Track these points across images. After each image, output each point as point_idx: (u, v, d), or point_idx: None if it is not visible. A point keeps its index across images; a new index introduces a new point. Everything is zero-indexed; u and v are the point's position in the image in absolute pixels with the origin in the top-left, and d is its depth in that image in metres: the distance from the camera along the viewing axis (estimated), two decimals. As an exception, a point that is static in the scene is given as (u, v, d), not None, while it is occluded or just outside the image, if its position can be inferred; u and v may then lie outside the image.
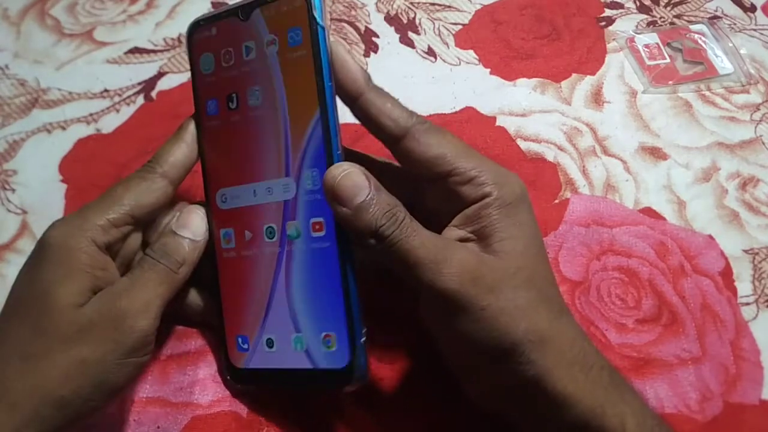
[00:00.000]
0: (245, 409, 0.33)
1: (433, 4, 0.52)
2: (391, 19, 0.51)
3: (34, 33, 0.50)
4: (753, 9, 0.52)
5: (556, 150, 0.43)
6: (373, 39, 0.50)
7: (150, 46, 0.49)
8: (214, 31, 0.31)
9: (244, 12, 0.30)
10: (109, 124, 0.45)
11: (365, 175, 0.27)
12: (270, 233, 0.30)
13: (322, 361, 0.29)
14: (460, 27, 0.50)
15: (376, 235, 0.26)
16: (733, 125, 0.45)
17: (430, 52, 0.49)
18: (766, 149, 0.44)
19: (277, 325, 0.30)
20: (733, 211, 0.41)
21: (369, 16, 0.51)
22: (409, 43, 0.49)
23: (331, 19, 0.51)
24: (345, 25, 0.51)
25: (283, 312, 0.30)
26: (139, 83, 0.47)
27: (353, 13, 0.51)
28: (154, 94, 0.46)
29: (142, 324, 0.28)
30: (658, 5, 0.52)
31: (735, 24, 0.51)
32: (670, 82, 0.47)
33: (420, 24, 0.51)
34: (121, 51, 0.49)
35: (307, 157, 0.29)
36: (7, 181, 0.42)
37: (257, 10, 0.30)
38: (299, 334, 0.30)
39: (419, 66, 0.48)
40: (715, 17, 0.51)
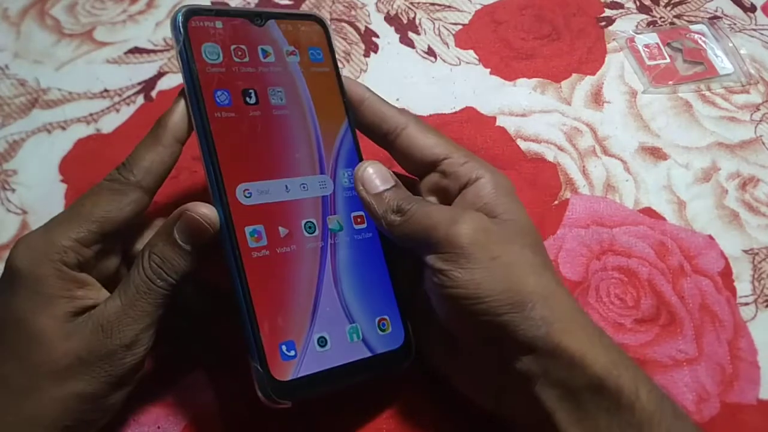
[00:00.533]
0: (245, 408, 0.33)
1: (433, 4, 0.52)
2: (391, 19, 0.51)
3: (34, 33, 0.50)
4: (753, 9, 0.52)
5: (556, 150, 0.43)
6: (373, 39, 0.50)
7: (150, 46, 0.49)
8: (219, 25, 0.31)
9: (259, 18, 0.32)
10: (109, 124, 0.45)
11: (387, 170, 0.31)
12: (310, 228, 0.30)
13: (379, 346, 0.30)
14: (460, 27, 0.50)
15: (400, 209, 0.29)
16: (733, 125, 0.45)
17: (430, 52, 0.49)
18: (766, 149, 0.44)
19: (328, 320, 0.29)
20: (733, 211, 0.41)
21: (369, 16, 0.51)
22: (409, 43, 0.49)
23: (331, 19, 0.51)
24: (345, 25, 0.51)
25: (334, 305, 0.30)
26: (139, 83, 0.47)
27: (353, 13, 0.51)
28: (154, 94, 0.46)
29: (136, 357, 0.28)
30: (658, 5, 0.52)
31: (735, 24, 0.51)
32: (670, 82, 0.47)
33: (420, 24, 0.51)
34: (121, 51, 0.49)
35: (340, 159, 0.32)
36: (7, 181, 0.42)
37: (273, 21, 0.32)
38: (354, 325, 0.30)
39: (419, 66, 0.48)
40: (715, 17, 0.51)
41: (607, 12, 0.51)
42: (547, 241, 0.39)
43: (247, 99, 0.30)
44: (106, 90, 0.47)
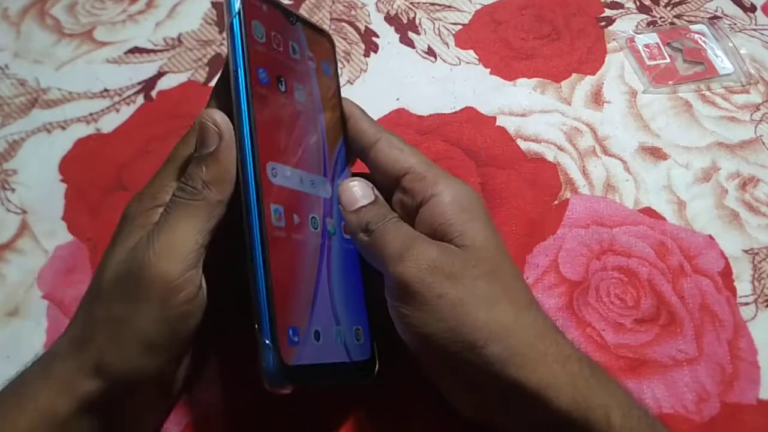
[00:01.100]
0: (246, 408, 0.33)
1: (433, 4, 0.52)
2: (391, 19, 0.51)
3: (34, 33, 0.50)
4: (753, 9, 0.52)
5: (556, 150, 0.43)
6: (373, 39, 0.50)
7: (150, 46, 0.49)
8: (265, 8, 0.31)
9: (293, 18, 0.32)
10: (109, 123, 0.45)
11: (369, 186, 0.31)
12: (314, 223, 0.30)
13: (355, 354, 0.30)
14: (460, 27, 0.50)
15: (367, 228, 0.29)
16: (733, 125, 0.45)
17: (430, 52, 0.49)
18: (766, 149, 0.44)
19: (322, 316, 0.29)
20: (733, 211, 0.41)
21: (369, 16, 0.51)
22: (409, 43, 0.49)
23: (331, 19, 0.51)
24: (345, 25, 0.51)
25: (326, 303, 0.30)
26: (139, 83, 0.47)
27: (353, 13, 0.51)
28: (154, 93, 0.46)
29: (187, 295, 0.27)
30: (658, 5, 0.52)
31: (735, 24, 0.51)
32: (670, 82, 0.47)
33: (420, 24, 0.51)
34: (121, 51, 0.49)
35: (337, 167, 0.33)
36: (7, 181, 0.42)
37: (301, 24, 0.33)
38: (339, 327, 0.30)
39: (419, 66, 0.48)
40: (715, 17, 0.51)
41: (607, 12, 0.51)
42: (547, 241, 0.39)
43: (279, 85, 0.31)
44: (106, 90, 0.47)
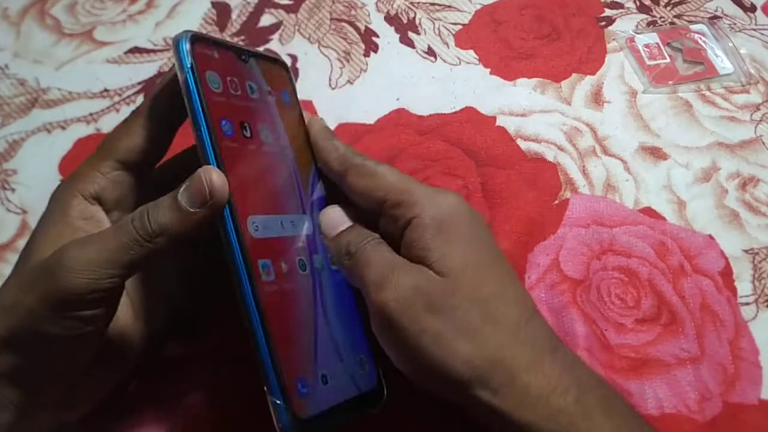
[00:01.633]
0: (245, 408, 0.33)
1: (433, 4, 0.52)
2: (391, 19, 0.51)
3: (34, 33, 0.50)
4: (753, 9, 0.52)
5: (556, 150, 0.43)
6: (373, 39, 0.50)
7: (150, 46, 0.49)
8: (216, 55, 0.30)
9: (245, 55, 0.31)
10: (109, 123, 0.45)
11: (345, 212, 0.31)
12: (302, 265, 0.30)
13: (363, 384, 0.29)
14: (460, 27, 0.50)
15: (348, 251, 0.29)
16: (733, 125, 0.45)
17: (430, 52, 0.49)
18: (766, 149, 0.44)
19: (327, 357, 0.29)
20: (733, 211, 0.41)
21: (369, 16, 0.51)
22: (409, 43, 0.49)
23: (331, 19, 0.51)
24: (345, 24, 0.51)
25: (328, 343, 0.29)
26: (139, 83, 0.47)
27: (353, 13, 0.51)
28: (154, 93, 0.46)
29: (77, 281, 0.25)
30: (658, 5, 0.52)
31: (735, 24, 0.51)
32: (670, 82, 0.47)
33: (420, 24, 0.51)
34: (121, 51, 0.49)
35: (314, 200, 0.32)
36: (7, 181, 0.42)
37: (254, 60, 0.32)
38: (344, 363, 0.29)
39: (419, 66, 0.48)
40: (715, 17, 0.51)
41: (607, 12, 0.51)
42: (547, 241, 0.39)
43: (244, 132, 0.30)
44: (106, 90, 0.47)
